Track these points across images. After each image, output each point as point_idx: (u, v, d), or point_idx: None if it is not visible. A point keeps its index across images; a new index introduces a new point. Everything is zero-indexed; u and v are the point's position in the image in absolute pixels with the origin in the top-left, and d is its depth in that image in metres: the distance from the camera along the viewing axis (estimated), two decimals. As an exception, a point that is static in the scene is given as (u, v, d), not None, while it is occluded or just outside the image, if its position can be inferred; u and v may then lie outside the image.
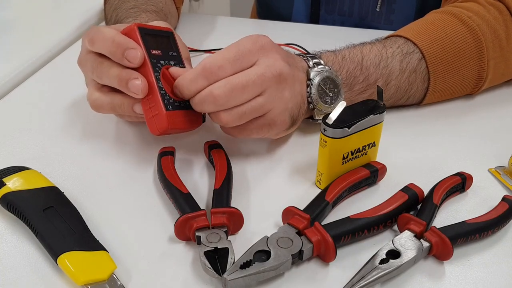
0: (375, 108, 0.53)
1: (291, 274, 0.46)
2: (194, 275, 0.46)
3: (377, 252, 0.46)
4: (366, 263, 0.45)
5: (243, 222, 0.50)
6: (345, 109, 0.51)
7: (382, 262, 0.44)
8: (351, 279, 0.44)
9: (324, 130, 0.51)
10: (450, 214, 0.53)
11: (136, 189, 0.56)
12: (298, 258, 0.46)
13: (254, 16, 1.14)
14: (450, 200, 0.54)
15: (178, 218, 0.48)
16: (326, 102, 0.59)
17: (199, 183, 0.57)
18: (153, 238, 0.50)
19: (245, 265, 0.43)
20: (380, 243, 0.48)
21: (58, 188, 0.52)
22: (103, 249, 0.46)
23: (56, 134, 0.65)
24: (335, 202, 0.52)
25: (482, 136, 0.64)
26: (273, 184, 0.57)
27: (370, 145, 0.55)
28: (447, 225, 0.48)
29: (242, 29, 0.95)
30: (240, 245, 0.46)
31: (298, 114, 0.58)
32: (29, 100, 0.73)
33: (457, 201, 0.54)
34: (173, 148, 0.59)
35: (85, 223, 0.49)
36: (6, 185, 0.51)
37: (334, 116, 0.50)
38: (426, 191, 0.52)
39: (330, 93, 0.59)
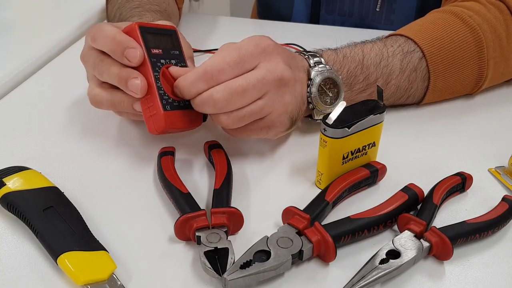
0: (375, 108, 0.53)
1: (291, 274, 0.46)
2: (194, 275, 0.46)
3: (377, 252, 0.46)
4: (366, 263, 0.45)
5: (243, 222, 0.50)
6: (345, 109, 0.51)
7: (382, 262, 0.44)
8: (351, 279, 0.44)
9: (324, 130, 0.51)
10: (450, 214, 0.53)
11: (136, 189, 0.56)
12: (298, 258, 0.46)
13: (254, 16, 1.14)
14: (450, 200, 0.54)
15: (178, 218, 0.48)
16: (326, 102, 0.59)
17: (199, 183, 0.57)
18: (153, 238, 0.50)
19: (245, 265, 0.43)
20: (380, 243, 0.48)
21: (58, 188, 0.52)
22: (103, 249, 0.46)
23: (56, 134, 0.65)
24: (335, 202, 0.52)
25: (482, 136, 0.64)
26: (273, 184, 0.57)
27: (370, 145, 0.55)
28: (447, 225, 0.48)
29: (242, 29, 0.95)
30: (240, 245, 0.46)
31: (298, 115, 0.58)
32: (29, 100, 0.73)
33: (457, 201, 0.54)
34: (173, 148, 0.59)
35: (85, 223, 0.49)
36: (6, 185, 0.51)
37: (334, 116, 0.50)
38: (426, 191, 0.52)
39: (330, 93, 0.59)
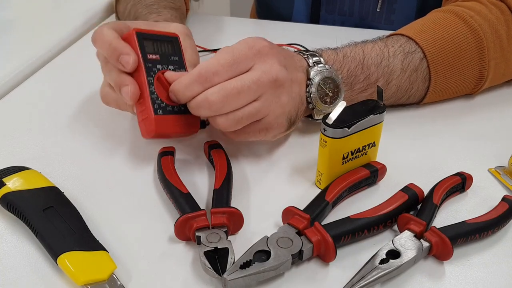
0: (375, 108, 0.53)
1: (291, 274, 0.46)
2: (194, 275, 0.46)
3: (377, 252, 0.46)
4: (366, 263, 0.45)
5: (243, 222, 0.50)
6: (345, 109, 0.51)
7: (382, 262, 0.44)
8: (351, 279, 0.44)
9: (324, 130, 0.51)
10: (450, 214, 0.53)
11: (136, 189, 0.56)
12: (298, 258, 0.46)
13: (253, 16, 1.14)
14: (450, 200, 0.54)
15: (178, 218, 0.48)
16: (326, 102, 0.59)
17: (199, 183, 0.57)
18: (153, 238, 0.50)
19: (245, 265, 0.43)
20: (380, 243, 0.48)
21: (58, 188, 0.52)
22: (103, 249, 0.46)
23: (56, 134, 0.65)
24: (335, 202, 0.52)
25: (482, 136, 0.64)
26: (273, 184, 0.57)
27: (370, 145, 0.55)
28: (447, 225, 0.48)
29: (242, 29, 0.95)
30: (240, 245, 0.46)
31: (296, 115, 0.58)
32: (29, 100, 0.73)
33: (457, 201, 0.54)
34: (173, 148, 0.59)
35: (85, 223, 0.49)
36: (6, 185, 0.51)
37: (334, 116, 0.50)
38: (426, 191, 0.52)
39: (330, 92, 0.59)
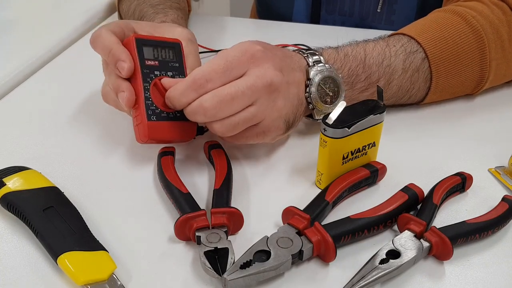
0: (375, 108, 0.53)
1: (291, 274, 0.46)
2: (194, 275, 0.46)
3: (377, 252, 0.46)
4: (366, 263, 0.45)
5: (243, 222, 0.50)
6: (345, 109, 0.51)
7: (382, 262, 0.45)
8: (351, 279, 0.44)
9: (324, 130, 0.51)
10: (450, 214, 0.53)
11: (136, 189, 0.56)
12: (298, 258, 0.46)
13: (253, 15, 1.14)
14: (450, 200, 0.54)
15: (178, 218, 0.48)
16: (326, 102, 0.59)
17: (199, 183, 0.57)
18: (153, 238, 0.50)
19: (245, 265, 0.43)
20: (380, 243, 0.48)
21: (58, 188, 0.52)
22: (103, 249, 0.46)
23: (56, 134, 0.65)
24: (335, 202, 0.52)
25: (482, 136, 0.64)
26: (273, 184, 0.57)
27: (370, 145, 0.55)
28: (447, 225, 0.48)
29: (242, 29, 0.95)
30: (240, 245, 0.46)
31: (295, 117, 0.58)
32: (29, 100, 0.73)
33: (457, 201, 0.54)
34: (173, 148, 0.59)
35: (85, 223, 0.49)
36: (6, 185, 0.51)
37: (334, 116, 0.50)
38: (426, 191, 0.52)
39: (330, 92, 0.59)
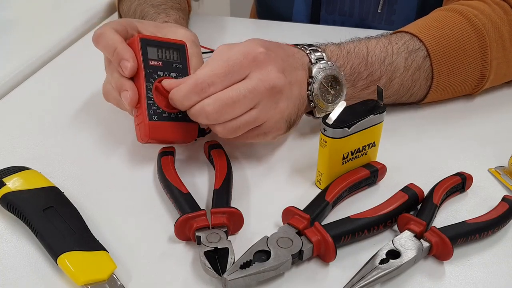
0: (375, 108, 0.53)
1: (291, 274, 0.46)
2: (194, 275, 0.46)
3: (377, 252, 0.46)
4: (366, 263, 0.45)
5: (243, 222, 0.50)
6: (345, 109, 0.51)
7: (382, 262, 0.44)
8: (351, 279, 0.44)
9: (324, 130, 0.51)
10: (450, 214, 0.53)
11: (136, 189, 0.56)
12: (298, 258, 0.46)
13: (253, 15, 1.14)
14: (450, 200, 0.54)
15: (178, 218, 0.48)
16: (328, 100, 0.59)
17: (199, 183, 0.57)
18: (153, 238, 0.50)
19: (245, 265, 0.43)
20: (380, 243, 0.48)
21: (58, 188, 0.52)
22: (103, 249, 0.46)
23: (56, 134, 0.65)
24: (335, 202, 0.52)
25: (482, 136, 0.64)
26: (273, 184, 0.57)
27: (370, 145, 0.55)
28: (447, 225, 0.48)
29: (242, 29, 0.95)
30: (240, 245, 0.46)
31: (296, 116, 0.58)
32: (29, 100, 0.73)
33: (457, 201, 0.54)
34: (173, 148, 0.59)
35: (85, 223, 0.49)
36: (6, 185, 0.51)
37: (334, 116, 0.50)
38: (426, 191, 0.52)
39: (332, 90, 0.58)
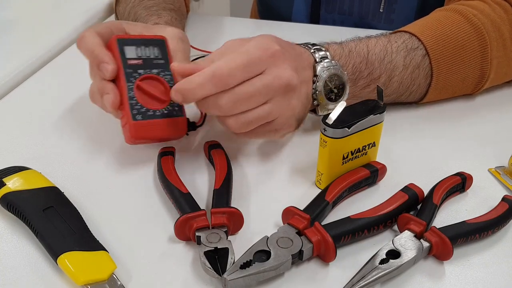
0: (375, 108, 0.53)
1: (291, 274, 0.46)
2: (194, 275, 0.46)
3: (377, 252, 0.46)
4: (366, 263, 0.45)
5: (243, 222, 0.50)
6: (345, 109, 0.51)
7: (382, 262, 0.44)
8: (351, 279, 0.44)
9: (324, 130, 0.51)
10: (450, 214, 0.53)
11: (136, 189, 0.56)
12: (298, 258, 0.46)
13: (254, 15, 1.14)
14: (450, 200, 0.54)
15: (178, 218, 0.48)
16: (331, 98, 0.59)
17: (199, 183, 0.57)
18: (153, 238, 0.50)
19: (245, 265, 0.43)
20: (380, 243, 0.48)
21: (58, 188, 0.52)
22: (103, 249, 0.46)
23: (56, 134, 0.65)
24: (335, 202, 0.52)
25: (482, 136, 0.64)
26: (273, 184, 0.57)
27: (370, 145, 0.55)
28: (447, 225, 0.48)
29: (242, 29, 0.95)
30: (240, 245, 0.46)
31: (304, 114, 0.59)
32: (29, 100, 0.73)
33: (457, 201, 0.54)
34: (173, 148, 0.59)
35: (85, 223, 0.49)
36: (6, 185, 0.51)
37: (334, 116, 0.50)
38: (426, 191, 0.52)
39: (335, 89, 0.59)
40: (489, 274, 0.46)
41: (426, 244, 0.46)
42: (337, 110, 0.51)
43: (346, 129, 0.51)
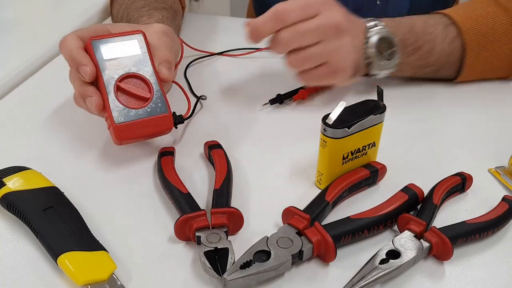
0: (375, 108, 0.53)
1: (291, 274, 0.46)
2: (194, 275, 0.46)
3: (377, 252, 0.46)
4: (366, 263, 0.45)
5: (243, 222, 0.50)
6: (345, 109, 0.51)
7: (382, 262, 0.45)
8: (351, 279, 0.44)
9: (324, 130, 0.51)
10: (450, 214, 0.53)
11: (136, 189, 0.56)
12: (298, 258, 0.46)
13: (250, 12, 1.14)
14: (450, 200, 0.54)
15: (178, 218, 0.48)
16: (382, 60, 0.65)
17: (199, 183, 0.57)
18: (153, 238, 0.50)
19: (245, 265, 0.43)
20: (380, 243, 0.48)
21: (58, 188, 0.52)
22: (103, 249, 0.46)
23: (56, 134, 0.65)
24: (335, 202, 0.52)
25: (482, 136, 0.64)
26: (273, 184, 0.57)
27: (370, 145, 0.55)
28: (447, 225, 0.48)
29: (242, 29, 0.94)
30: (240, 245, 0.46)
31: (359, 64, 0.64)
32: (29, 100, 0.73)
33: (457, 201, 0.54)
34: (173, 148, 0.59)
35: (85, 223, 0.49)
36: (6, 185, 0.51)
37: (334, 116, 0.50)
38: (426, 191, 0.52)
39: (385, 53, 0.65)
40: (489, 274, 0.46)
41: (426, 244, 0.46)
42: (337, 110, 0.51)
43: (346, 129, 0.51)
